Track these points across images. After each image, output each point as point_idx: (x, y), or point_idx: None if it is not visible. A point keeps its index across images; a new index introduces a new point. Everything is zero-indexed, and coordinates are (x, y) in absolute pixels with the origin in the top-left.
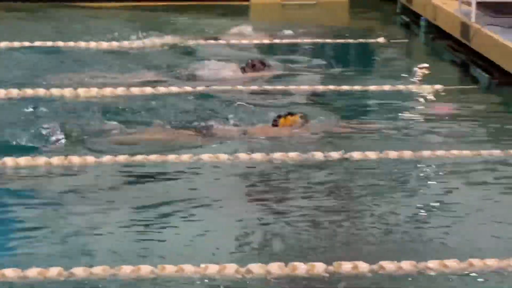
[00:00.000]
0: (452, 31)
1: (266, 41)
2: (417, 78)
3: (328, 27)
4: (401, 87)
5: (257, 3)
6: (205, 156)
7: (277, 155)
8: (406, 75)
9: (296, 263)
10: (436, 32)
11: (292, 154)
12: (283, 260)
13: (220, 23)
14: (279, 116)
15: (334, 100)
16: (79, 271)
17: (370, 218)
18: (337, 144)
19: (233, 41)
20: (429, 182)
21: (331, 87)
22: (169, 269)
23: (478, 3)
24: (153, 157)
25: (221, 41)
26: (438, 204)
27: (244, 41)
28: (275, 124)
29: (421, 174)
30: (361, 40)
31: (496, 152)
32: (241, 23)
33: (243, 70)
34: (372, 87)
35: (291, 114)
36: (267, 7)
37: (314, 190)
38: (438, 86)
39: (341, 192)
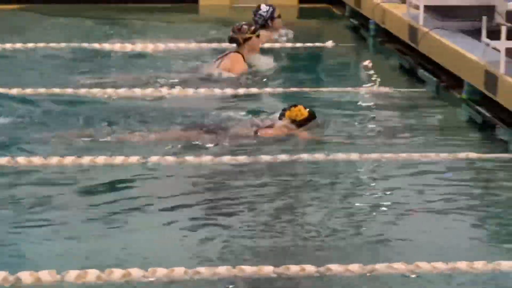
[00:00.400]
0: (401, 34)
1: (214, 44)
2: (365, 82)
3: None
4: (349, 89)
5: (205, 4)
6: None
7: (227, 158)
8: (354, 79)
9: (244, 266)
10: (385, 35)
11: (241, 157)
12: (232, 263)
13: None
14: (284, 109)
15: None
16: (25, 276)
17: (317, 221)
18: (285, 146)
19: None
20: (375, 184)
21: (279, 89)
22: (117, 273)
23: (426, 7)
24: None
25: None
26: (384, 206)
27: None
28: (281, 117)
29: (368, 176)
30: (308, 44)
31: (443, 155)
32: (190, 25)
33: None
34: (321, 90)
35: (294, 105)
36: (216, 8)
37: (262, 192)
38: (386, 89)
39: (289, 194)
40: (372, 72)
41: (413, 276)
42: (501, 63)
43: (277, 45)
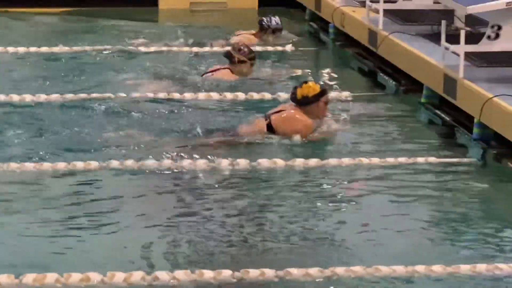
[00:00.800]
0: (360, 38)
1: (175, 48)
2: (324, 85)
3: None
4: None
5: (164, 8)
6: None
7: (186, 163)
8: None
9: (203, 270)
10: (345, 39)
11: (200, 162)
12: (191, 267)
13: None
14: (295, 88)
15: (244, 109)
16: None
17: (277, 226)
18: (244, 152)
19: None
20: (335, 189)
21: (240, 94)
22: (75, 277)
23: (385, 11)
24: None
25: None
26: (343, 211)
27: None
28: (293, 96)
29: (328, 181)
30: (269, 48)
31: (402, 159)
32: (150, 28)
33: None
34: (279, 94)
35: (305, 82)
36: (175, 12)
37: (224, 198)
38: (346, 93)
39: (249, 200)
40: (331, 76)
41: (373, 279)
42: (460, 67)
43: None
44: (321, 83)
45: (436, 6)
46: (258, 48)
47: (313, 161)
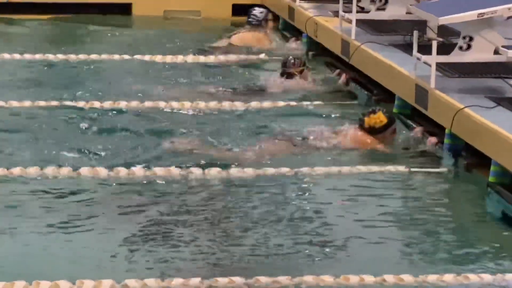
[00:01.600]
0: (333, 48)
1: (147, 58)
2: (297, 96)
3: (210, 42)
4: (280, 103)
5: (139, 15)
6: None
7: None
8: (285, 93)
9: (174, 279)
10: (316, 48)
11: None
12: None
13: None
14: (363, 115)
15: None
16: None
17: (247, 234)
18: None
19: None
20: (306, 198)
21: (212, 104)
22: (44, 285)
23: (358, 21)
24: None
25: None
26: (313, 220)
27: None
28: (361, 124)
29: (299, 190)
30: (242, 56)
31: (374, 168)
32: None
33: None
34: (253, 104)
35: (373, 111)
36: (150, 19)
37: (194, 206)
38: (318, 102)
39: (220, 208)
40: (304, 85)
41: None
42: (432, 77)
43: (211, 58)
44: (388, 114)
45: (409, 16)
46: (231, 57)
47: (284, 169)
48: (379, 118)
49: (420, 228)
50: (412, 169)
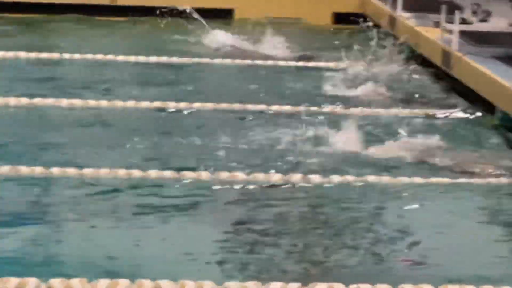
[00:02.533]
0: (434, 59)
1: (248, 61)
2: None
3: (310, 46)
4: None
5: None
6: None
7: None
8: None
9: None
10: (418, 59)
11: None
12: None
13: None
14: None
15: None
16: None
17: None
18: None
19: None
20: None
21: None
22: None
23: (459, 32)
24: None
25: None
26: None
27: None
28: None
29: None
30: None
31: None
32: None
33: None
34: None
35: None
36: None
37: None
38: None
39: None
40: (412, 96)
41: None
42: None
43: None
44: None
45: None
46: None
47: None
48: None
49: None
50: None
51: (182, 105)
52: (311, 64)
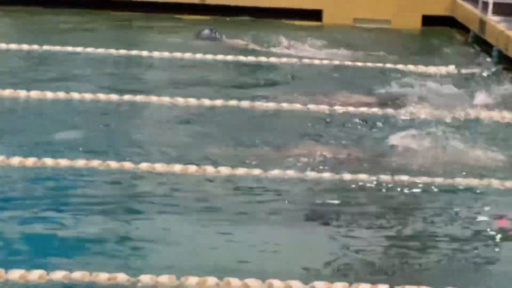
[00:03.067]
0: None
1: (336, 62)
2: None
3: (398, 51)
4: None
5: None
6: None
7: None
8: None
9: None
10: (508, 62)
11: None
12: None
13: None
14: None
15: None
16: None
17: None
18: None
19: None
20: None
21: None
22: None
23: None
24: None
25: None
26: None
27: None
28: None
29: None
30: (431, 68)
31: None
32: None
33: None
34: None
35: None
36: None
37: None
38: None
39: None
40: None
41: None
42: None
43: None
44: None
45: None
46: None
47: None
48: None
49: None
50: None
51: None
52: None
